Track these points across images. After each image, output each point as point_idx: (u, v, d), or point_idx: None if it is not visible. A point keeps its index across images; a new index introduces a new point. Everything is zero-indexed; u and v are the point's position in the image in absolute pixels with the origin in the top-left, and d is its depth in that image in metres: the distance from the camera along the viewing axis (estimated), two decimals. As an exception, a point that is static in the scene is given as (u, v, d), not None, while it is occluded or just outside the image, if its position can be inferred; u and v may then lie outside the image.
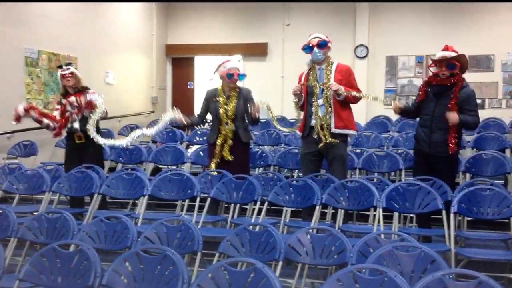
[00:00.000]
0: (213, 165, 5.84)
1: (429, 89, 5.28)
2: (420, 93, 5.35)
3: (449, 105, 5.11)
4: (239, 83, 6.02)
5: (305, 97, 5.61)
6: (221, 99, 5.88)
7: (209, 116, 6.18)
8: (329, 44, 5.54)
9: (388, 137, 8.38)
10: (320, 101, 5.50)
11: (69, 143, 6.29)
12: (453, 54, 5.16)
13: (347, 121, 5.54)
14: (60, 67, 6.25)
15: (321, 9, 11.66)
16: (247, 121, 5.94)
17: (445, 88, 5.17)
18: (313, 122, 5.54)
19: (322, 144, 5.45)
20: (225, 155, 5.80)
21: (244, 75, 6.01)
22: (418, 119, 5.55)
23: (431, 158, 5.24)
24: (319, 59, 5.54)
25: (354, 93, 5.40)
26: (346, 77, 5.54)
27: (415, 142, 5.46)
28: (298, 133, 5.82)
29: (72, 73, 6.15)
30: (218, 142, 5.82)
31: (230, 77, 5.83)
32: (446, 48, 5.23)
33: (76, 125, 6.09)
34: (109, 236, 3.88)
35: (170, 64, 12.89)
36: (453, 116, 5.03)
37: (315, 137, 5.49)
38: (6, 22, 7.99)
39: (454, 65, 5.14)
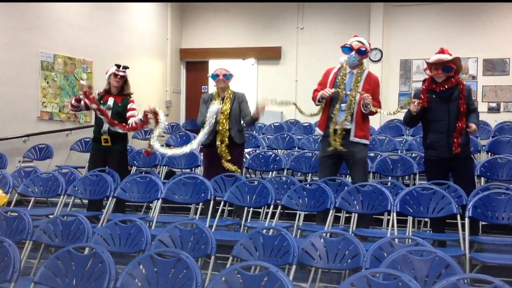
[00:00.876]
0: (229, 164, 5.91)
1: (433, 96, 5.25)
2: (425, 100, 5.27)
3: (460, 106, 5.18)
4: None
5: (329, 98, 5.52)
6: (216, 101, 6.03)
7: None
8: (368, 54, 5.56)
9: (402, 140, 8.35)
10: (343, 106, 5.45)
11: (95, 145, 6.33)
12: (449, 57, 5.13)
13: (366, 131, 5.56)
14: (118, 66, 6.30)
15: (335, 12, 11.64)
16: (242, 122, 6.06)
17: (452, 90, 5.17)
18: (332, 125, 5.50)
19: (331, 148, 5.43)
20: (224, 155, 5.93)
21: (230, 75, 6.05)
22: (422, 126, 5.53)
23: (451, 161, 5.22)
24: (353, 64, 5.50)
25: (378, 110, 5.42)
26: (373, 88, 5.52)
27: (429, 150, 5.36)
28: (319, 131, 5.71)
29: (123, 77, 6.26)
30: (218, 141, 5.93)
31: (214, 78, 6.09)
32: (442, 51, 5.19)
33: (106, 127, 6.11)
34: (124, 239, 3.90)
35: (184, 68, 12.93)
36: (475, 130, 5.19)
37: (343, 140, 5.44)
38: (22, 27, 8.07)
39: (451, 68, 5.12)
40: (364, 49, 5.45)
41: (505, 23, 10.55)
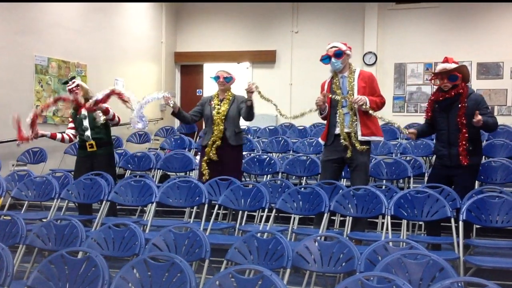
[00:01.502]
0: (204, 164, 6.00)
1: (436, 105, 5.28)
2: (429, 112, 5.34)
3: (458, 115, 5.12)
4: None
5: (329, 107, 5.56)
6: (214, 102, 6.10)
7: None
8: (348, 52, 5.53)
9: (396, 144, 8.37)
10: (345, 109, 5.46)
11: (81, 152, 6.32)
12: (454, 65, 5.15)
13: (374, 128, 5.52)
14: (66, 82, 6.37)
15: (330, 16, 11.67)
16: (241, 116, 6.06)
17: (453, 100, 5.16)
18: (337, 130, 5.50)
19: (349, 152, 5.41)
20: (211, 154, 5.97)
21: (230, 78, 6.07)
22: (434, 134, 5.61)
23: (453, 170, 5.22)
24: (338, 69, 5.52)
25: (372, 112, 5.37)
26: (369, 83, 5.52)
27: (435, 158, 5.47)
28: (321, 141, 5.77)
29: (78, 85, 6.24)
30: (210, 142, 5.97)
31: (215, 80, 6.13)
32: (446, 60, 5.21)
33: (88, 133, 6.12)
34: (117, 243, 3.89)
35: (179, 72, 12.93)
36: (477, 120, 4.93)
37: (342, 145, 5.44)
38: (16, 30, 8.05)
39: (456, 76, 5.13)
40: (339, 51, 5.47)
41: (499, 27, 10.59)
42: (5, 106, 7.83)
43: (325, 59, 5.53)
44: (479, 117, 4.91)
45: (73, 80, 6.28)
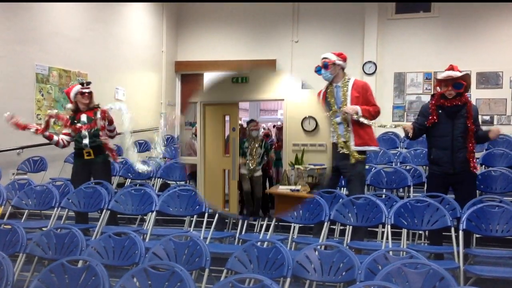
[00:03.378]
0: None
1: (440, 111, 5.26)
2: (435, 117, 5.26)
3: (468, 124, 5.17)
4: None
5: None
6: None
7: None
8: (337, 62, 5.52)
9: (396, 153, 8.36)
10: (338, 119, 5.47)
11: (78, 159, 6.32)
12: (459, 73, 5.15)
13: (367, 138, 5.47)
14: (82, 84, 6.32)
15: (330, 26, 11.70)
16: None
17: (459, 108, 5.18)
18: (334, 139, 5.49)
19: (352, 158, 5.40)
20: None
21: None
22: (424, 140, 5.59)
23: (454, 177, 5.22)
24: (329, 79, 5.55)
25: (366, 121, 5.33)
26: (363, 93, 5.52)
27: (433, 165, 5.37)
28: None
29: (91, 93, 6.26)
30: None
31: None
32: (452, 68, 5.21)
33: (86, 141, 6.12)
34: (117, 252, 3.89)
35: (179, 81, 12.95)
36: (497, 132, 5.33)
37: (339, 154, 5.41)
38: (17, 40, 8.07)
39: (461, 84, 5.14)
40: (325, 62, 5.51)
41: (498, 37, 10.62)
42: (5, 114, 7.84)
43: (318, 70, 5.58)
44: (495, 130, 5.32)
45: (88, 86, 6.30)
